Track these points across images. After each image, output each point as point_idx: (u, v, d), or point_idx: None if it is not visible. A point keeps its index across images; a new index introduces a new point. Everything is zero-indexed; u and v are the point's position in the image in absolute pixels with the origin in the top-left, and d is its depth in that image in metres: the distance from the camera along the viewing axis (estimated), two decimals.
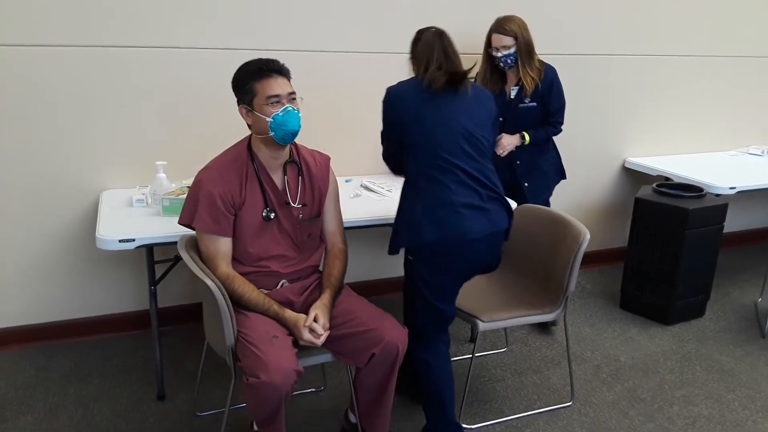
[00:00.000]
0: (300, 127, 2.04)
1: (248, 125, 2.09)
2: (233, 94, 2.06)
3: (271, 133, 2.01)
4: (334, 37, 3.05)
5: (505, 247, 2.78)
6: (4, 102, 2.62)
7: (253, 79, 2.00)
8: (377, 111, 3.34)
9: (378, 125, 2.28)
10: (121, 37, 2.70)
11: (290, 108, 2.01)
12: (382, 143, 2.32)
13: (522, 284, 2.65)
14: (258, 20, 2.90)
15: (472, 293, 2.58)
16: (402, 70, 3.20)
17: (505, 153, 3.01)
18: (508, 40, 2.88)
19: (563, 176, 3.26)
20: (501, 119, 2.99)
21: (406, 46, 3.17)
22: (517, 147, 3.04)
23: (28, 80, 2.63)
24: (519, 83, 2.96)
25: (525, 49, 2.90)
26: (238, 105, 2.05)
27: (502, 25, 2.89)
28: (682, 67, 3.96)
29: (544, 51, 3.49)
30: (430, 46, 2.21)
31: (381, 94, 2.64)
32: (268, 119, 1.99)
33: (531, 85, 2.93)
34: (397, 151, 2.23)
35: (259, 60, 2.03)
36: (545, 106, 3.01)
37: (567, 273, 2.41)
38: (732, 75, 4.15)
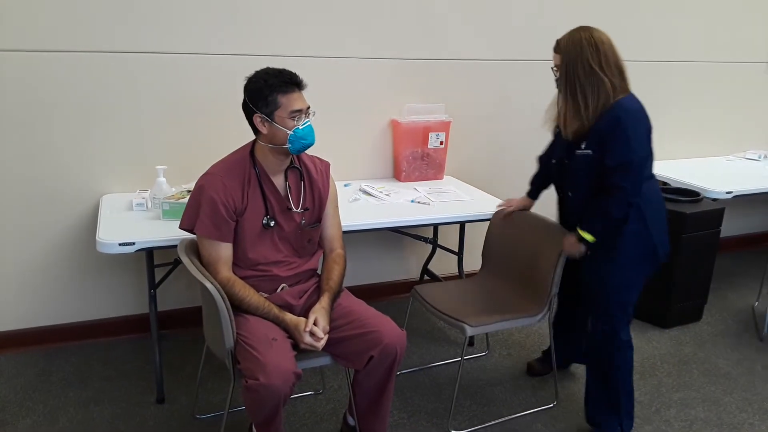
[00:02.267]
0: (315, 140, 2.09)
1: (257, 134, 2.10)
2: (248, 101, 2.04)
3: (289, 145, 2.05)
4: (332, 42, 3.07)
5: (489, 250, 2.79)
6: (4, 106, 2.64)
7: (277, 91, 2.00)
8: (375, 115, 3.35)
9: (375, 129, 2.28)
10: (121, 42, 2.72)
11: (309, 122, 2.06)
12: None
13: (508, 288, 2.66)
14: (256, 26, 2.91)
15: (459, 298, 2.59)
16: (397, 74, 3.24)
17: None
18: (557, 59, 2.23)
19: (656, 263, 2.29)
20: (560, 166, 2.40)
21: (404, 52, 3.22)
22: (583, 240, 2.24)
23: (29, 85, 2.65)
24: None
25: (571, 72, 2.15)
26: (253, 114, 2.04)
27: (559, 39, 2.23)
28: (679, 73, 3.98)
29: (543, 57, 3.52)
30: None
31: (378, 99, 2.60)
32: (289, 132, 2.03)
33: (571, 126, 2.19)
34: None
35: (280, 72, 2.04)
36: (603, 157, 2.16)
37: (551, 275, 2.42)
38: (730, 80, 4.18)
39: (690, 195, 3.34)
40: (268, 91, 2.01)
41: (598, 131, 2.16)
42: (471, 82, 3.42)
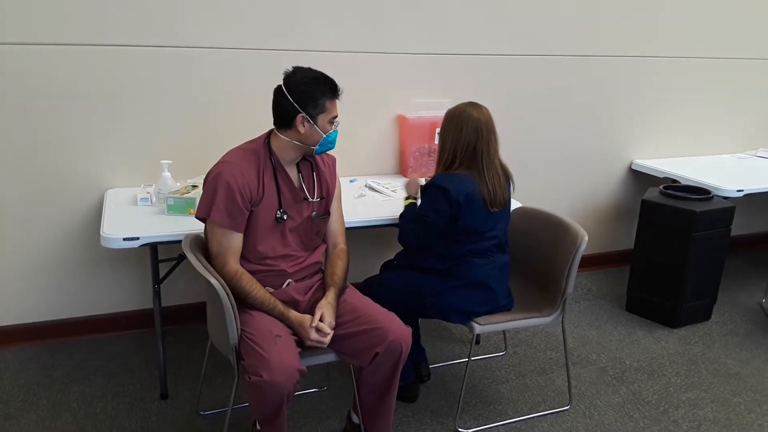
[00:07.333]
0: None
1: (284, 129, 2.09)
2: (294, 100, 2.03)
3: (317, 147, 2.11)
4: (338, 37, 3.05)
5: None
6: (8, 100, 2.63)
7: (326, 96, 2.06)
8: (381, 110, 3.32)
9: (381, 124, 2.26)
10: (127, 36, 2.70)
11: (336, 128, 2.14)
12: None
13: (520, 287, 2.62)
14: (264, 20, 2.89)
15: None
16: (404, 69, 3.21)
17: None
18: None
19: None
20: None
21: (411, 47, 3.20)
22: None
23: (33, 79, 2.63)
24: None
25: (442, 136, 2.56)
26: (297, 113, 2.04)
27: None
28: (691, 69, 3.94)
29: (550, 52, 3.49)
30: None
31: (385, 94, 2.61)
32: (324, 135, 2.08)
33: None
34: None
35: (326, 77, 2.08)
36: None
37: (565, 276, 2.39)
38: (741, 77, 4.13)
39: (700, 193, 3.30)
40: (320, 94, 2.05)
41: None
42: (478, 77, 3.39)
